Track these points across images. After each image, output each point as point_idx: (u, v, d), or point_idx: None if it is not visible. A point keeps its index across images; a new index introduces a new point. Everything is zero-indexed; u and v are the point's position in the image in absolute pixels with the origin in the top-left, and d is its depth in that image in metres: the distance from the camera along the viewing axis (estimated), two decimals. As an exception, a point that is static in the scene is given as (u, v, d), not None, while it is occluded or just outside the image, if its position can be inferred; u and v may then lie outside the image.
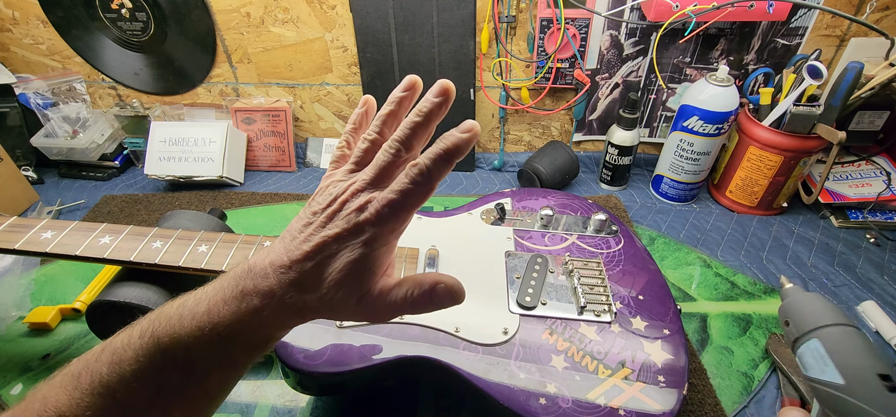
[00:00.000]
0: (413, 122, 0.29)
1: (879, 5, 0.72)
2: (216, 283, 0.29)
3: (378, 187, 0.28)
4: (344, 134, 0.33)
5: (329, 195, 0.29)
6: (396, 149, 0.28)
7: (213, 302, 0.28)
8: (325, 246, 0.27)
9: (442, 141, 0.27)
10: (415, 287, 0.29)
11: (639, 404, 0.40)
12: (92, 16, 0.81)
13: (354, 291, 0.28)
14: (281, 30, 0.82)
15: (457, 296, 0.30)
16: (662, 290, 0.51)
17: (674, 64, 0.80)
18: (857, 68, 0.63)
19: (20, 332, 0.58)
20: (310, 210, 0.29)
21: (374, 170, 0.28)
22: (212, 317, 0.27)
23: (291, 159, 0.92)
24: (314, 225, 0.28)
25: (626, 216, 0.78)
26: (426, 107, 0.29)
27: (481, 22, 0.78)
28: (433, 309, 0.30)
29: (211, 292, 0.28)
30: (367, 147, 0.30)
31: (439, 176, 0.27)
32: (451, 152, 0.27)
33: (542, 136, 0.92)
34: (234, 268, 0.29)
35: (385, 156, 0.28)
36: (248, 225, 0.77)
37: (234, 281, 0.28)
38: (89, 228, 0.50)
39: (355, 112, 0.33)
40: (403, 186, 0.27)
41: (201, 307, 0.28)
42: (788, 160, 0.70)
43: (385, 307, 0.29)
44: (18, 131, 0.87)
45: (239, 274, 0.28)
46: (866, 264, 0.68)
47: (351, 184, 0.28)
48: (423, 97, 0.29)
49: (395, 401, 0.50)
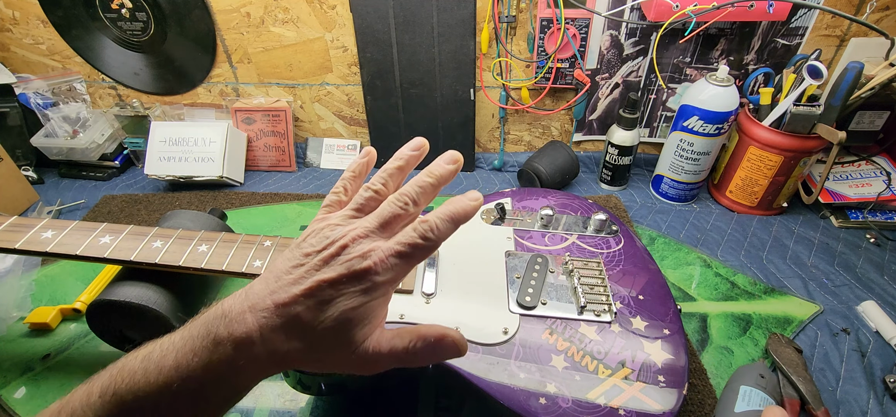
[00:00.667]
0: (426, 182, 0.29)
1: (879, 5, 0.72)
2: (184, 330, 0.27)
3: (382, 237, 0.28)
4: (341, 180, 0.32)
5: (325, 237, 0.27)
6: (405, 202, 0.29)
7: (182, 353, 0.25)
8: (319, 290, 0.26)
9: (451, 204, 0.28)
10: (418, 339, 0.29)
11: (639, 404, 0.40)
12: (92, 16, 0.81)
13: (348, 341, 0.27)
14: (281, 30, 0.82)
15: (462, 350, 0.30)
16: (662, 290, 0.51)
17: (674, 64, 0.80)
18: (857, 68, 0.63)
19: (21, 332, 0.58)
20: (300, 251, 0.27)
21: (380, 220, 0.28)
22: (180, 372, 0.25)
23: (291, 159, 0.92)
24: (307, 268, 0.26)
25: (626, 216, 0.78)
26: (438, 171, 0.30)
27: (481, 22, 0.78)
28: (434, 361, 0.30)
29: (179, 341, 0.26)
30: (371, 196, 0.30)
31: (445, 237, 0.28)
32: (458, 217, 0.28)
33: (542, 136, 0.92)
34: (205, 313, 0.27)
35: (393, 207, 0.28)
36: (248, 225, 0.77)
37: (204, 327, 0.26)
38: (89, 228, 0.50)
39: (356, 161, 0.33)
40: (412, 240, 0.27)
41: (168, 360, 0.25)
42: (788, 160, 0.70)
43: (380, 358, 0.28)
44: (18, 131, 0.87)
45: (211, 320, 0.26)
46: (866, 264, 0.68)
47: (352, 228, 0.27)
48: (436, 161, 0.30)
49: (395, 401, 0.50)
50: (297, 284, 0.26)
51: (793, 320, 0.59)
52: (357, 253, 0.26)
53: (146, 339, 0.27)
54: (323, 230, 0.28)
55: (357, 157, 0.33)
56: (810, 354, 0.55)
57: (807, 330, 0.58)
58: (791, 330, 0.58)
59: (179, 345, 0.26)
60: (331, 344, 0.26)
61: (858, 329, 0.58)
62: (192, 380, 0.25)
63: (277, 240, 0.51)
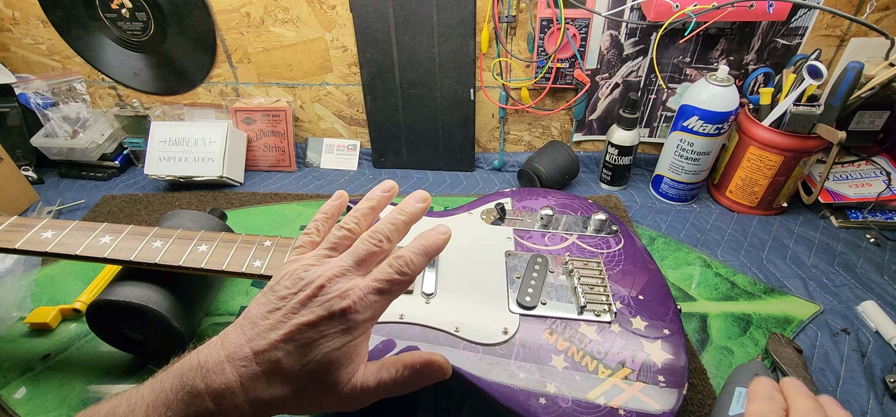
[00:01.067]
0: (398, 220, 0.30)
1: (879, 5, 0.72)
2: (154, 383, 0.25)
3: (358, 274, 0.28)
4: (313, 222, 0.32)
5: (300, 279, 0.27)
6: (380, 240, 0.29)
7: (154, 408, 0.24)
8: (298, 333, 0.25)
9: (423, 239, 0.29)
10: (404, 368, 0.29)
11: (639, 404, 0.40)
12: (92, 16, 0.81)
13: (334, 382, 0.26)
14: (281, 30, 0.82)
15: (447, 373, 0.30)
16: (662, 290, 0.51)
17: (674, 64, 0.80)
18: (857, 68, 0.63)
19: (21, 333, 0.58)
20: (275, 294, 0.27)
21: (355, 258, 0.28)
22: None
23: (291, 159, 0.92)
24: (284, 311, 0.26)
25: (626, 216, 0.78)
26: (409, 208, 0.31)
27: (481, 22, 0.78)
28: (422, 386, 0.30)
29: (149, 395, 0.25)
30: (345, 234, 0.30)
31: (419, 270, 0.29)
32: (430, 250, 0.29)
33: (542, 136, 0.92)
34: (176, 364, 0.26)
35: (368, 245, 0.29)
36: (248, 225, 0.77)
37: (178, 380, 0.25)
38: (89, 228, 0.50)
39: (330, 203, 0.34)
40: (389, 276, 0.27)
41: (137, 415, 0.24)
42: (788, 160, 0.70)
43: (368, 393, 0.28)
44: (18, 131, 0.87)
45: (185, 371, 0.25)
46: (866, 264, 0.68)
47: (328, 268, 0.27)
48: (406, 200, 0.32)
49: (395, 401, 0.50)
50: (275, 329, 0.25)
51: (793, 320, 0.59)
52: (335, 292, 0.26)
53: (146, 339, 0.27)
54: (296, 271, 0.27)
55: (329, 200, 0.34)
56: (810, 354, 0.55)
57: (807, 330, 0.58)
58: (791, 330, 0.58)
59: (150, 400, 0.24)
60: (316, 387, 0.26)
61: (858, 329, 0.58)
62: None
63: (277, 240, 0.51)
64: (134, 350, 0.54)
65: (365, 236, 0.29)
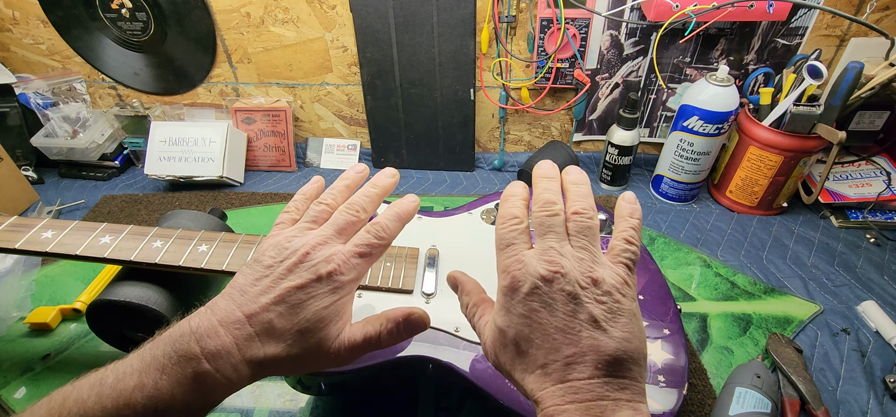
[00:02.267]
0: (372, 192, 0.34)
1: (879, 5, 0.72)
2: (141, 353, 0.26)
3: (339, 241, 0.31)
4: (293, 201, 0.35)
5: (284, 248, 0.29)
6: (357, 210, 0.32)
7: (147, 374, 0.25)
8: (288, 295, 0.27)
9: (396, 206, 0.33)
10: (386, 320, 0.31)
11: (639, 404, 0.40)
12: (92, 16, 0.81)
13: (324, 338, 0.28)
14: (281, 30, 0.82)
15: (427, 322, 0.33)
16: (662, 290, 0.51)
17: (674, 64, 0.80)
18: (857, 68, 0.63)
19: (21, 333, 0.58)
20: (261, 264, 0.29)
21: (336, 227, 0.31)
22: (145, 392, 0.24)
23: (291, 159, 0.92)
24: (272, 277, 0.28)
25: (626, 216, 0.78)
26: (382, 182, 0.35)
27: (481, 22, 0.78)
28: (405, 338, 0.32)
29: (137, 363, 0.26)
30: (323, 209, 0.33)
31: (395, 234, 0.32)
32: (404, 216, 0.33)
33: (542, 136, 0.92)
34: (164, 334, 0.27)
35: (346, 215, 0.32)
36: (248, 225, 0.77)
37: (169, 346, 0.26)
38: (89, 228, 0.50)
39: (308, 185, 0.36)
40: (368, 240, 0.31)
41: (127, 382, 0.25)
42: (788, 160, 0.70)
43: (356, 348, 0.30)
44: (18, 131, 0.87)
45: (177, 338, 0.26)
46: (866, 264, 0.68)
47: (311, 237, 0.30)
48: (378, 175, 0.35)
49: (395, 401, 0.50)
50: (266, 294, 0.27)
51: (793, 320, 0.59)
52: (320, 258, 0.29)
53: (147, 339, 0.27)
54: (281, 242, 0.30)
55: (309, 183, 0.37)
56: (810, 354, 0.55)
57: (807, 330, 0.58)
58: (791, 329, 0.58)
59: (140, 367, 0.25)
60: (307, 345, 0.28)
61: (858, 329, 0.58)
62: (161, 399, 0.25)
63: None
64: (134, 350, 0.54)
65: (343, 207, 0.32)
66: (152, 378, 0.25)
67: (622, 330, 0.25)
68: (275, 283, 0.28)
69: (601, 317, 0.25)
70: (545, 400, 0.24)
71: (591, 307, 0.25)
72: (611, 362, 0.24)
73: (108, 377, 0.26)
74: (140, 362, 0.26)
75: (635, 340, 0.25)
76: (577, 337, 0.24)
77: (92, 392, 0.25)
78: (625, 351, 0.24)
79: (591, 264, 0.26)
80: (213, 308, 0.28)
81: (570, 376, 0.24)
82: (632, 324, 0.25)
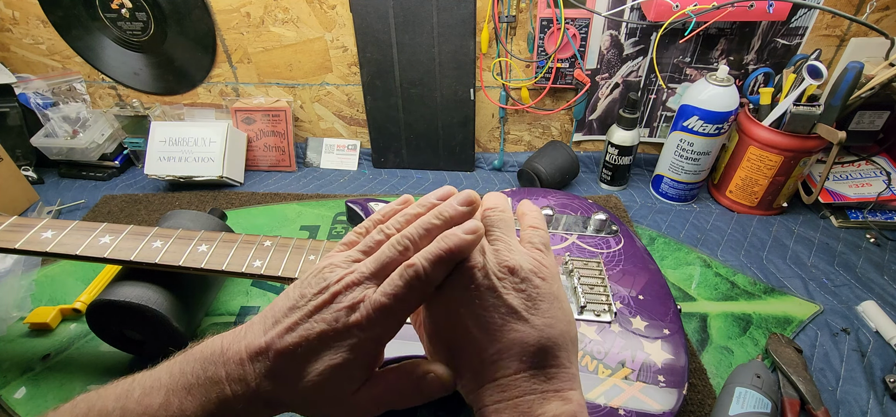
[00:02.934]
0: (430, 224, 0.26)
1: (879, 5, 0.72)
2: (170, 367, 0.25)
3: (375, 284, 0.25)
4: (371, 218, 0.29)
5: (323, 280, 0.25)
6: (405, 247, 0.25)
7: (173, 391, 0.24)
8: (304, 344, 0.24)
9: (444, 240, 0.24)
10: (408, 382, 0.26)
11: (639, 404, 0.40)
12: (92, 16, 0.81)
13: (336, 394, 0.25)
14: (281, 30, 0.82)
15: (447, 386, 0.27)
16: (662, 290, 0.51)
17: (674, 64, 0.80)
18: (857, 68, 0.63)
19: (21, 333, 0.58)
20: (299, 291, 0.25)
21: (376, 265, 0.25)
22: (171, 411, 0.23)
23: (291, 159, 0.92)
24: (300, 313, 0.24)
25: (626, 216, 0.78)
26: (448, 212, 0.27)
27: (481, 22, 0.78)
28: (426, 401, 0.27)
29: (166, 379, 0.24)
30: (382, 239, 0.26)
31: (436, 279, 0.24)
32: (453, 253, 0.24)
33: (542, 136, 0.92)
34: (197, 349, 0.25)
35: (390, 251, 0.25)
36: (248, 225, 0.77)
37: (199, 365, 0.24)
38: (89, 228, 0.50)
39: (390, 205, 0.30)
40: (395, 289, 0.24)
41: (154, 398, 0.24)
42: (788, 160, 0.70)
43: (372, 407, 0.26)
44: (18, 131, 0.87)
45: (207, 358, 0.24)
46: (866, 264, 0.68)
47: (348, 273, 0.25)
48: (449, 201, 0.27)
49: (396, 401, 0.50)
50: (291, 332, 0.24)
51: (793, 320, 0.59)
52: (346, 303, 0.24)
53: (146, 339, 0.27)
54: (324, 270, 0.26)
55: (393, 203, 0.30)
56: (810, 354, 0.55)
57: (807, 329, 0.58)
58: (791, 329, 0.58)
59: (169, 384, 0.24)
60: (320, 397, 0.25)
61: (858, 329, 0.58)
62: None
63: (277, 240, 0.51)
64: (134, 350, 0.54)
65: (392, 240, 0.26)
66: (179, 398, 0.23)
67: (544, 316, 0.24)
68: (300, 321, 0.24)
69: (521, 307, 0.24)
70: (477, 401, 0.24)
71: (509, 297, 0.24)
72: (535, 353, 0.24)
73: (134, 390, 0.24)
74: (169, 378, 0.24)
75: (559, 324, 0.24)
76: (499, 332, 0.24)
77: (117, 405, 0.24)
78: (549, 338, 0.24)
79: (506, 253, 0.26)
80: (248, 328, 0.25)
81: (497, 374, 0.24)
82: (553, 308, 0.25)
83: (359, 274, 0.25)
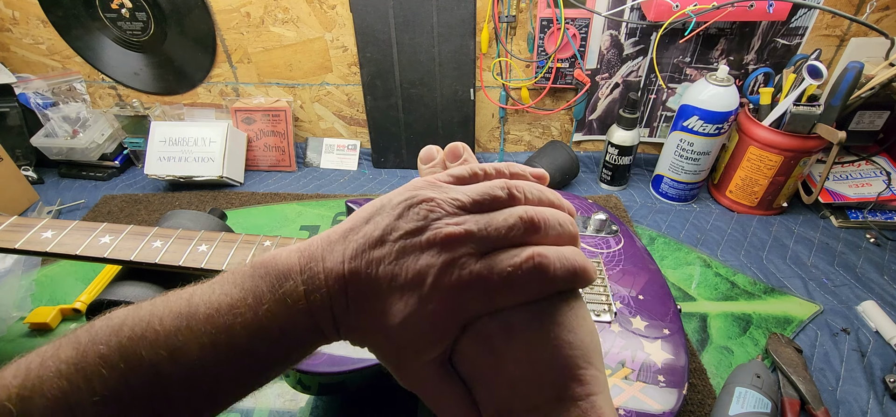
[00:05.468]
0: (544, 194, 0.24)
1: (879, 5, 0.72)
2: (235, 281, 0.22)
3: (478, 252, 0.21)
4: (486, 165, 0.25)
5: (421, 218, 0.21)
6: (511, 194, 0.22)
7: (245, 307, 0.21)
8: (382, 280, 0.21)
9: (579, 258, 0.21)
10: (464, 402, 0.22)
11: (639, 403, 0.40)
12: (92, 16, 0.81)
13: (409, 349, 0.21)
14: (281, 30, 0.82)
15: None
16: (662, 290, 0.51)
17: (674, 64, 0.80)
18: (857, 68, 0.63)
19: (21, 333, 0.58)
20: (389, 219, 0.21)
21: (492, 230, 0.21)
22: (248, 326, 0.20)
23: (291, 159, 0.92)
24: (388, 244, 0.21)
25: (626, 216, 0.78)
26: (553, 195, 0.24)
27: (481, 22, 0.78)
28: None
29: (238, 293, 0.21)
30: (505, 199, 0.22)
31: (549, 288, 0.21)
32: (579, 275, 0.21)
33: (542, 136, 0.92)
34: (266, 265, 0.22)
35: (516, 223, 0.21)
36: (248, 225, 0.77)
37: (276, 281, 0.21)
38: (89, 228, 0.50)
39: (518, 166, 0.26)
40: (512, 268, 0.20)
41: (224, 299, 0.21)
42: (788, 160, 0.70)
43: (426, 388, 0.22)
44: (18, 131, 0.87)
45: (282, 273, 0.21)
46: (866, 264, 0.68)
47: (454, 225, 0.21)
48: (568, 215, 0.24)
49: (395, 401, 0.50)
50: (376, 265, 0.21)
51: (793, 320, 0.59)
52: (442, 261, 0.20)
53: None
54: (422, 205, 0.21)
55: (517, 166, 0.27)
56: (810, 354, 0.55)
57: (807, 329, 0.58)
58: (791, 329, 0.58)
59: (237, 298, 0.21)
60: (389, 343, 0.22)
61: (858, 329, 0.58)
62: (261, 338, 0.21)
63: (277, 240, 0.51)
64: (134, 350, 0.54)
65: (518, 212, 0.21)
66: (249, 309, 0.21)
67: None
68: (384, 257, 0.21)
69: None
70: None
71: None
72: None
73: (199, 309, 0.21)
74: (240, 292, 0.21)
75: None
76: None
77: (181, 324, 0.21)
78: None
79: None
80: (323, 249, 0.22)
81: None
82: None
83: (466, 232, 0.20)
